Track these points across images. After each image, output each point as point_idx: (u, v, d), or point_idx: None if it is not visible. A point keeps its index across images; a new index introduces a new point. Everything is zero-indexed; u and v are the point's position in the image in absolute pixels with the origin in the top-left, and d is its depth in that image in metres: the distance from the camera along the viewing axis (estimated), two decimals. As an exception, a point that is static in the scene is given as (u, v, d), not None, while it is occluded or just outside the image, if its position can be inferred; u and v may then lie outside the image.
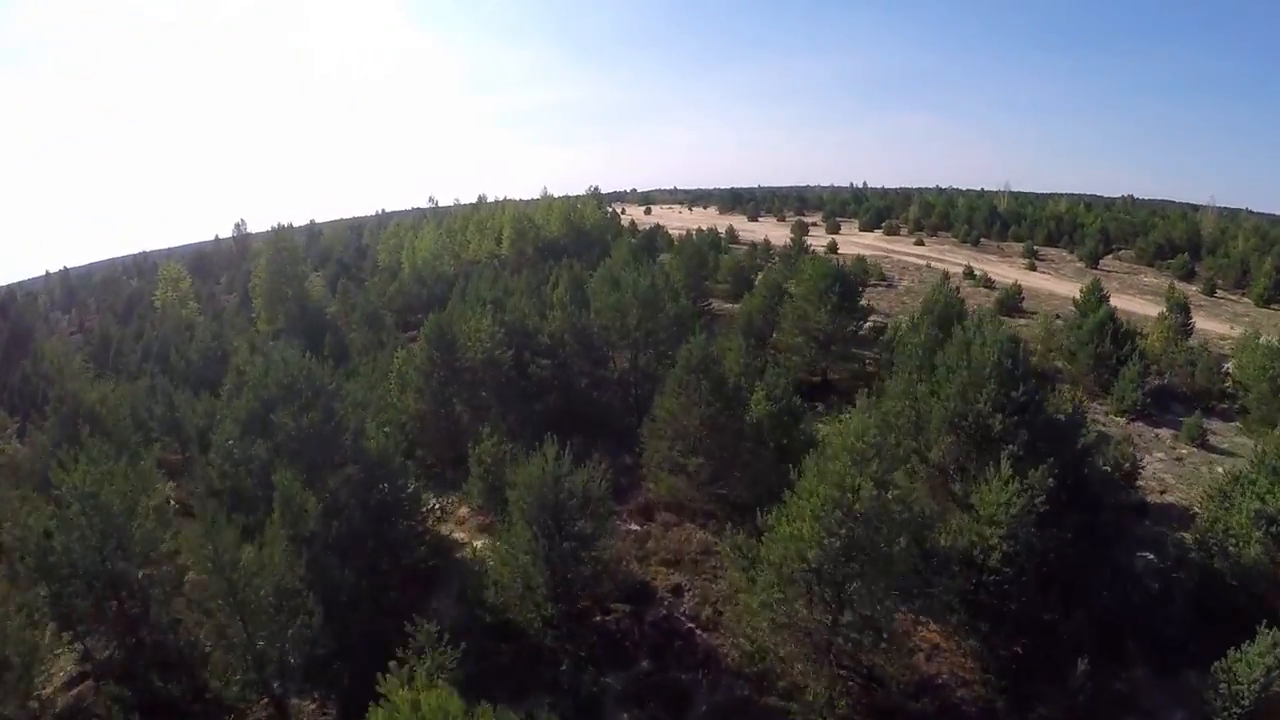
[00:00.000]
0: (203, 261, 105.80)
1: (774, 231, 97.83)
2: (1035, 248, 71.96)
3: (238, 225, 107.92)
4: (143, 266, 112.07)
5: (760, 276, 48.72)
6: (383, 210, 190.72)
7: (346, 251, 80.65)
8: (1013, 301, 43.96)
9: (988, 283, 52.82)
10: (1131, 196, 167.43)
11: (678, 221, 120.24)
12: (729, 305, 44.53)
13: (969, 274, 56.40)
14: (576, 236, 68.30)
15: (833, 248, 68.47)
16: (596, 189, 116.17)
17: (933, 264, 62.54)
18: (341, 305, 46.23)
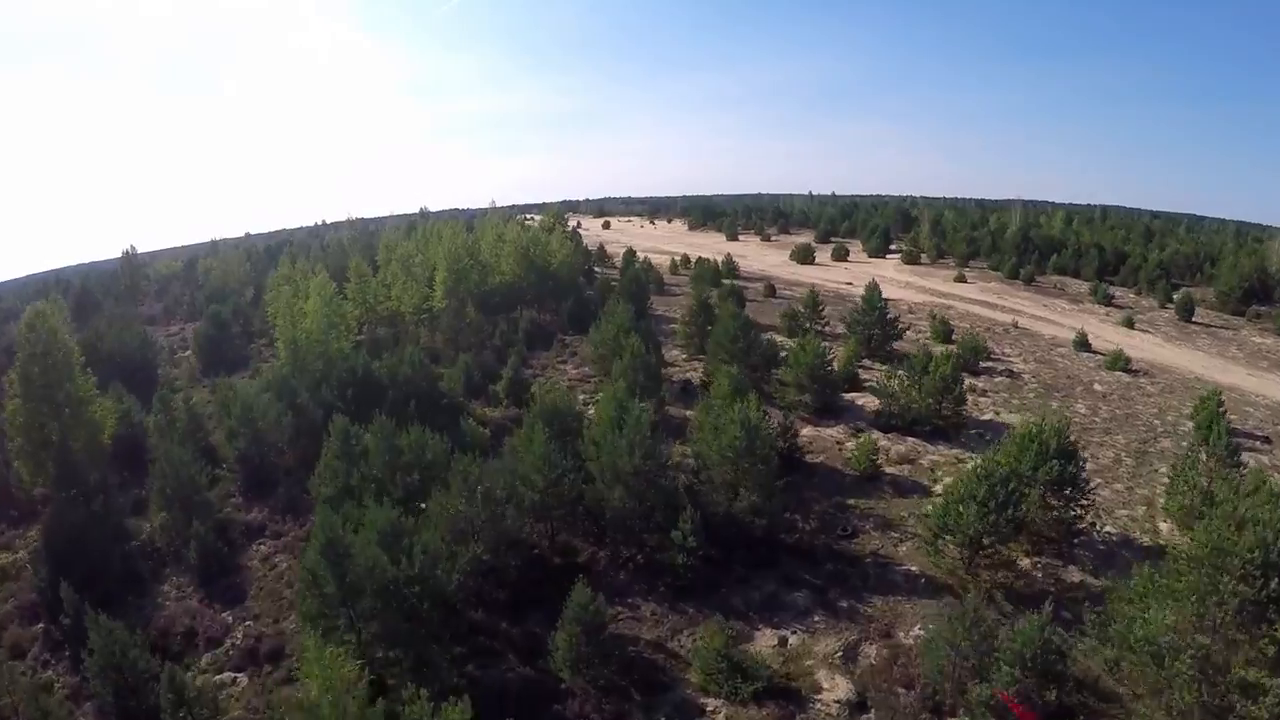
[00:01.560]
0: (86, 298, 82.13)
1: (767, 256, 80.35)
2: (1109, 290, 57.98)
3: (126, 253, 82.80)
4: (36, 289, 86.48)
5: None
6: (323, 221, 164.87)
7: (242, 295, 59.17)
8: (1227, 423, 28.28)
9: (1125, 364, 37.49)
10: (1102, 206, 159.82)
11: (645, 240, 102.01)
12: (817, 430, 27.13)
13: (1082, 343, 41.10)
14: (538, 278, 50.06)
15: (874, 291, 52.59)
16: (561, 211, 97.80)
17: (1019, 321, 47.04)
18: (157, 436, 26.74)
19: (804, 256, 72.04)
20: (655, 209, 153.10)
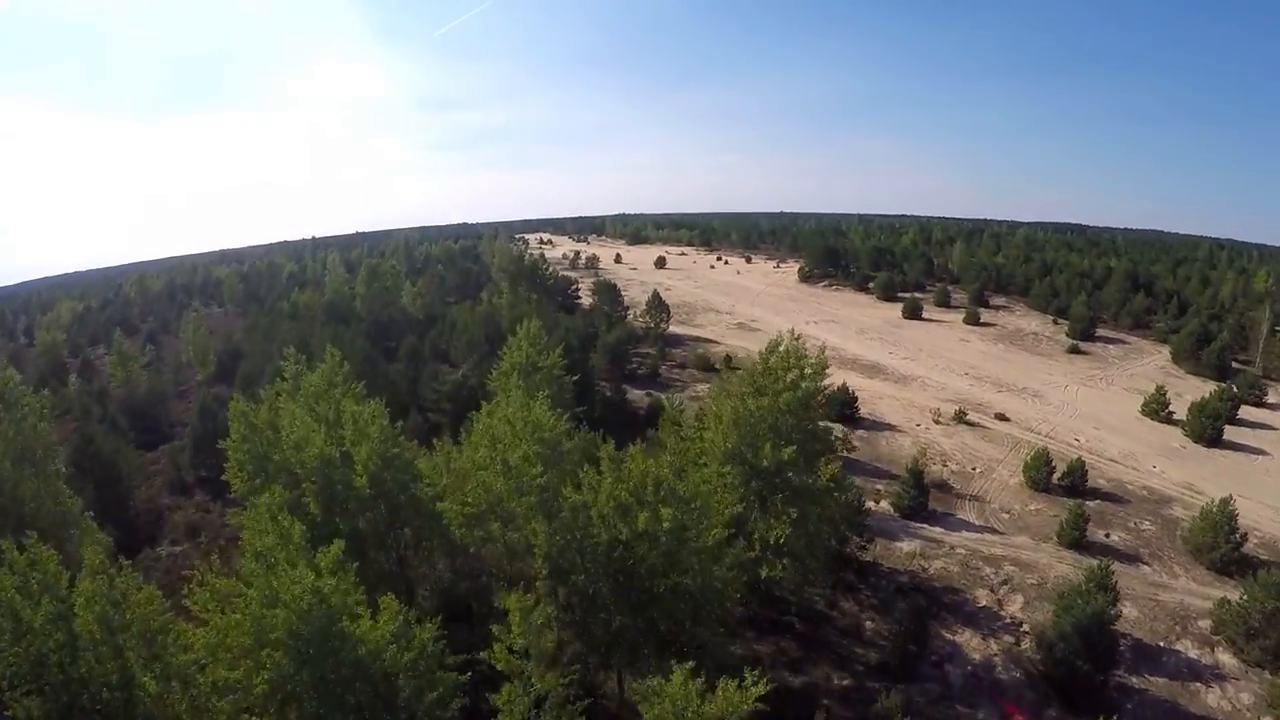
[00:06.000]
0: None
1: (1080, 397, 43.29)
2: None
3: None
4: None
5: None
6: (313, 236, 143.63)
7: None
8: None
9: None
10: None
11: (757, 309, 66.85)
12: None
13: None
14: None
15: None
16: (582, 232, 65.76)
17: None
18: None
19: (1204, 429, 36.44)
20: (702, 234, 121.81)
